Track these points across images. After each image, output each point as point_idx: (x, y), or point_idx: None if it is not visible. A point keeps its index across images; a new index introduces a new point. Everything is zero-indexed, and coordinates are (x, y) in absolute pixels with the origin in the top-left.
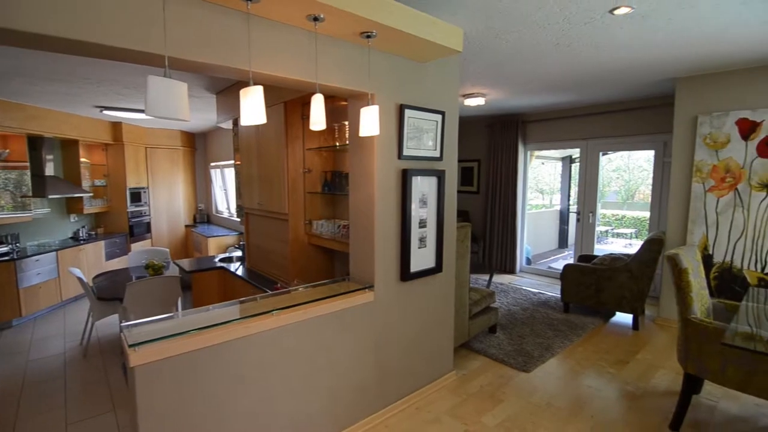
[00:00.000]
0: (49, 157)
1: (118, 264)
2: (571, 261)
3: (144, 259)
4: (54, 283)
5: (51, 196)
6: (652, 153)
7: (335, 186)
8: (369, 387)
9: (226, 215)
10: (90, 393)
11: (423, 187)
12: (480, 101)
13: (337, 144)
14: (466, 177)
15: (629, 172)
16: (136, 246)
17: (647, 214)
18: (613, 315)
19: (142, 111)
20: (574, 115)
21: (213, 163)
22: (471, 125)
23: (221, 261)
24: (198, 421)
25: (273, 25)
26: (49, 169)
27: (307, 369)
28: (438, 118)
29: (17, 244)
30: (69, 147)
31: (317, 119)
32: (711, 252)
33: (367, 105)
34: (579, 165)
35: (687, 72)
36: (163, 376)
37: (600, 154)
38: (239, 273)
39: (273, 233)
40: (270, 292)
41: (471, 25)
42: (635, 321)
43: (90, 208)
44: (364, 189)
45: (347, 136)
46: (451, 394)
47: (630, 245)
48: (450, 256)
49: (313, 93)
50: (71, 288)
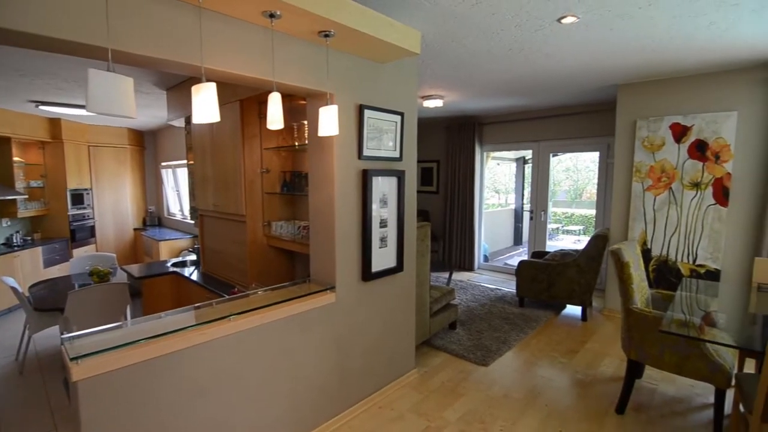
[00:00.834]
0: None
1: (58, 271)
2: (526, 257)
3: (88, 266)
4: None
5: None
6: (597, 154)
7: (295, 186)
8: (332, 389)
9: (179, 217)
10: (28, 413)
11: (383, 188)
12: (438, 103)
13: (296, 144)
14: (425, 177)
15: (577, 172)
16: (78, 252)
17: (593, 211)
18: (564, 307)
19: (84, 107)
20: (526, 118)
21: (164, 163)
22: (430, 126)
23: (174, 266)
24: None
25: (227, 21)
26: None
27: (268, 374)
28: (397, 118)
29: None
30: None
31: (274, 118)
32: (649, 246)
33: (326, 105)
34: (531, 166)
35: (627, 79)
36: (110, 390)
37: (550, 155)
38: (194, 278)
39: (230, 235)
40: (227, 296)
41: (428, 29)
42: (584, 312)
43: (25, 211)
44: (324, 189)
45: (306, 135)
46: (414, 391)
47: (578, 241)
48: (411, 255)
49: (270, 91)
50: (4, 299)
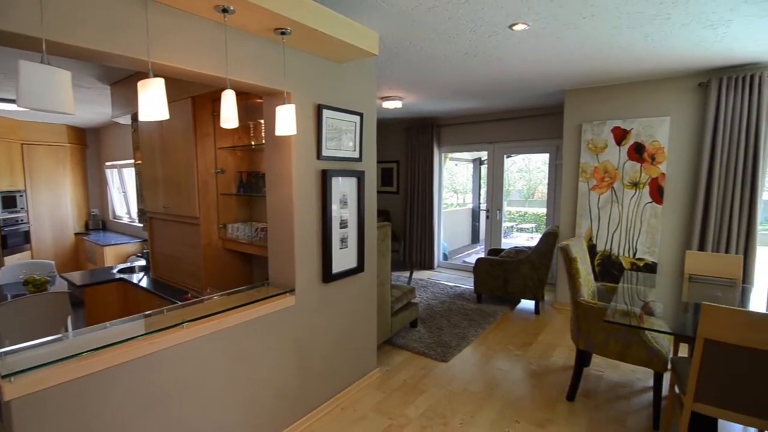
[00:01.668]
0: None
1: None
2: (483, 255)
3: (22, 275)
4: None
5: None
6: (547, 156)
7: (251, 187)
8: (292, 393)
9: (125, 221)
10: None
11: (343, 188)
12: (397, 104)
13: (253, 143)
14: (386, 177)
15: (529, 173)
16: (11, 259)
17: (545, 210)
18: (519, 302)
19: (14, 101)
20: (482, 121)
21: (108, 163)
22: (389, 127)
23: (121, 272)
24: None
25: (177, 14)
26: None
27: (225, 382)
28: (356, 119)
29: None
30: None
31: (228, 117)
32: (595, 242)
33: (283, 104)
34: (487, 166)
35: (573, 85)
36: (50, 408)
37: (505, 156)
38: (143, 284)
39: (182, 239)
40: (180, 303)
41: (386, 31)
42: (537, 306)
43: None
44: (282, 190)
45: (263, 135)
46: (376, 390)
47: (531, 238)
48: (371, 255)
49: (224, 89)
50: None
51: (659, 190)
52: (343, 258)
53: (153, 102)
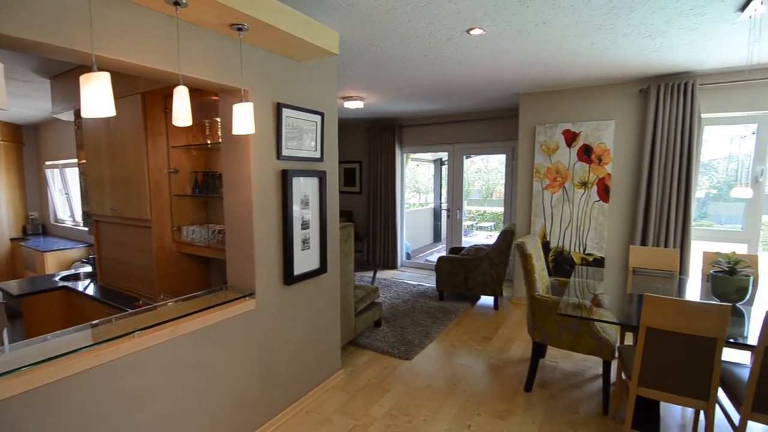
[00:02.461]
0: None
1: None
2: (444, 254)
3: None
4: None
5: None
6: (504, 157)
7: (208, 187)
8: (255, 399)
9: (69, 224)
10: None
11: (305, 188)
12: (359, 104)
13: (209, 142)
14: (348, 178)
15: (488, 173)
16: None
17: (502, 209)
18: (479, 298)
19: None
20: (442, 122)
21: (49, 162)
22: (352, 128)
23: (64, 279)
24: None
25: (124, 4)
26: None
27: (182, 393)
28: (317, 118)
29: None
30: None
31: (181, 114)
32: (548, 239)
33: (241, 101)
34: (447, 167)
35: (528, 89)
36: None
37: (464, 157)
38: (89, 292)
39: (132, 243)
40: (130, 310)
41: (347, 31)
42: (496, 302)
43: None
44: (240, 190)
45: (220, 133)
46: (341, 392)
47: (490, 237)
48: (334, 256)
49: (176, 85)
50: None
51: (606, 189)
52: (305, 259)
53: (97, 98)
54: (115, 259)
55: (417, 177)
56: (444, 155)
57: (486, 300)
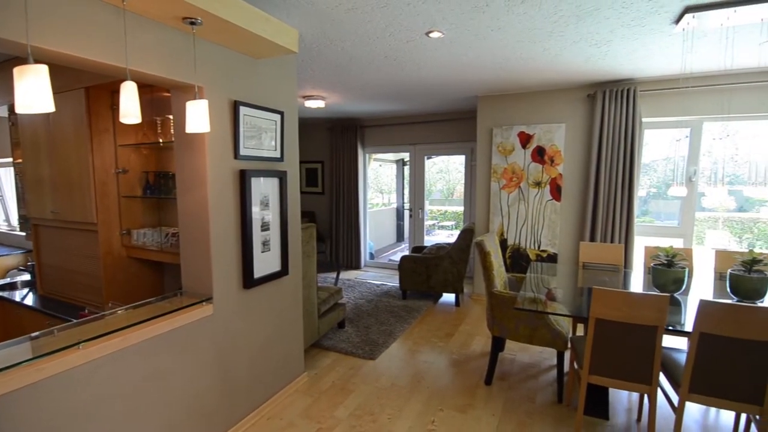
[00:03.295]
0: None
1: None
2: (407, 253)
3: None
4: None
5: None
6: (464, 157)
7: (160, 188)
8: (213, 408)
9: (4, 229)
10: None
11: (265, 189)
12: (320, 104)
13: (161, 140)
14: (310, 178)
15: (449, 173)
16: None
17: (462, 208)
18: (441, 296)
19: None
20: (404, 123)
21: None
22: (313, 127)
23: None
24: None
25: None
26: None
27: (133, 405)
28: (277, 117)
29: None
30: None
31: (128, 111)
32: (506, 237)
33: (194, 99)
34: (409, 167)
35: (485, 92)
36: None
37: (425, 157)
38: (28, 302)
39: (76, 248)
40: (75, 320)
41: (307, 29)
42: (457, 299)
43: None
44: (195, 191)
45: (172, 131)
46: (304, 395)
47: (451, 235)
48: (296, 257)
49: (123, 80)
50: None
51: (558, 188)
52: (266, 262)
53: (34, 92)
54: (58, 266)
55: (380, 177)
56: (406, 156)
57: (448, 297)
